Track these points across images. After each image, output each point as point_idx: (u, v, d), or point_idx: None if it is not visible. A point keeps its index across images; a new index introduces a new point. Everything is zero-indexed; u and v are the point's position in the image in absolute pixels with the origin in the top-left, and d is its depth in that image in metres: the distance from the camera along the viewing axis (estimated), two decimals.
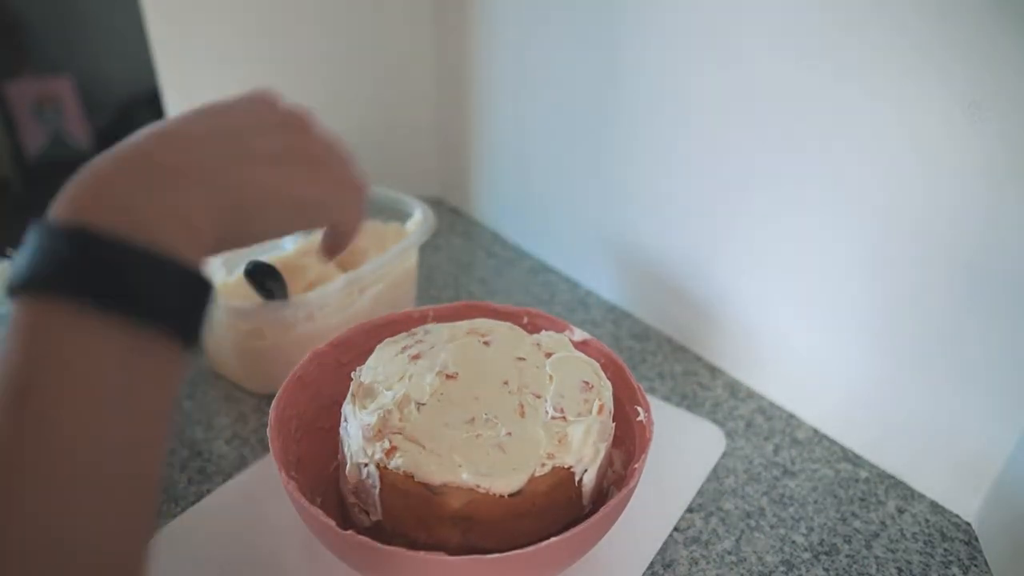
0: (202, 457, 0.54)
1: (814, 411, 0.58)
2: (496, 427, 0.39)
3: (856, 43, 0.45)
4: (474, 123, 0.88)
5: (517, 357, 0.45)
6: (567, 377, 0.43)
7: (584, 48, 0.67)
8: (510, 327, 0.48)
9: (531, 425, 0.39)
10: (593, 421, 0.40)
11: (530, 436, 0.38)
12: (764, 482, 0.52)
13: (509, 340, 0.47)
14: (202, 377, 0.63)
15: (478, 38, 0.81)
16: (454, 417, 0.39)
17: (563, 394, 0.42)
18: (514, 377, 0.43)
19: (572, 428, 0.39)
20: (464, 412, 0.40)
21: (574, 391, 0.42)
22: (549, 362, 0.44)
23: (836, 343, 0.53)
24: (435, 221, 0.67)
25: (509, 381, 0.42)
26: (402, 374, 0.42)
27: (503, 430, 0.39)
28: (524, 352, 0.45)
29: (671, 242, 0.65)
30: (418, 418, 0.39)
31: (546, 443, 0.38)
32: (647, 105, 0.62)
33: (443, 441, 0.38)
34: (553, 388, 0.42)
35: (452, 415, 0.39)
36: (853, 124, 0.47)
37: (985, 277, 0.43)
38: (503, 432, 0.38)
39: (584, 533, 0.36)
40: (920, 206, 0.45)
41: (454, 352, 0.44)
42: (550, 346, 0.46)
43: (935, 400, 0.48)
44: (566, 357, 0.45)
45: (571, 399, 0.41)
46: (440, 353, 0.44)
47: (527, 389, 0.42)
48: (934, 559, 0.46)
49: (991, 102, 0.40)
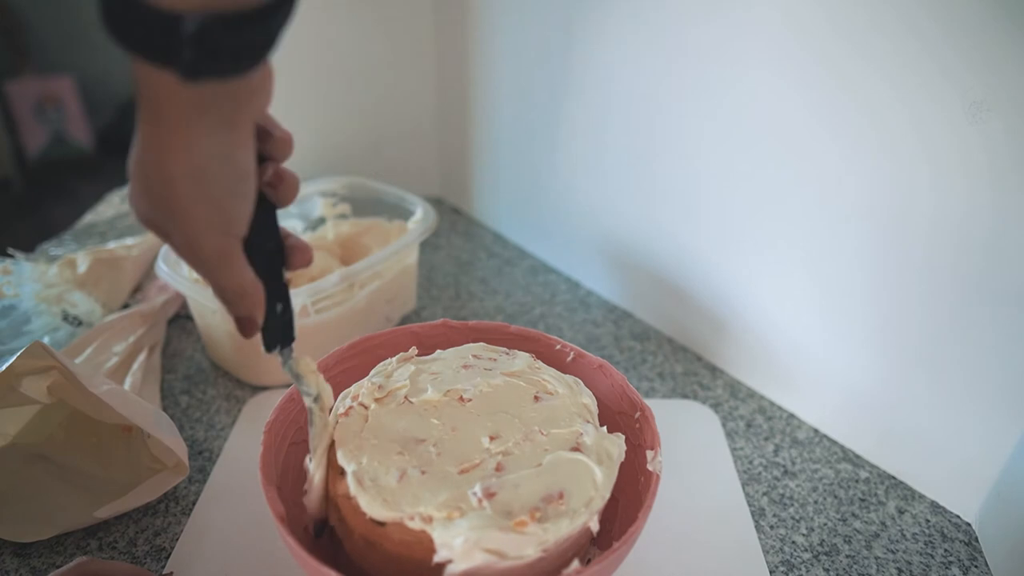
0: (203, 456, 0.54)
1: (814, 411, 0.58)
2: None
3: (859, 44, 0.45)
4: (475, 123, 0.88)
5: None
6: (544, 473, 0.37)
7: (584, 48, 0.67)
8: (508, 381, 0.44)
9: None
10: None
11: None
12: (764, 482, 0.52)
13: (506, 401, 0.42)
14: (202, 376, 0.63)
15: (478, 38, 0.81)
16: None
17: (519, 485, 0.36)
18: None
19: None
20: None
21: (534, 495, 0.36)
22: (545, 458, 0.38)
23: (837, 343, 0.53)
24: (436, 219, 0.67)
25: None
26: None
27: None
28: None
29: (672, 242, 0.65)
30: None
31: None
32: (648, 105, 0.62)
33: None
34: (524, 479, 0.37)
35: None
36: (856, 125, 0.47)
37: (987, 277, 0.43)
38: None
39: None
40: (922, 207, 0.45)
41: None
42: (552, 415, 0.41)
43: (936, 401, 0.48)
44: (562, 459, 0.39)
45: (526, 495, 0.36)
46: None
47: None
48: (934, 559, 0.46)
49: (994, 102, 0.40)
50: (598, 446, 0.39)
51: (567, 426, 0.40)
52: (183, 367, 0.65)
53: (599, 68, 0.66)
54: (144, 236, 0.78)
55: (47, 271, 0.68)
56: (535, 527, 0.34)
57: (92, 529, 0.47)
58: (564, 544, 0.35)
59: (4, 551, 0.46)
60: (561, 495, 0.36)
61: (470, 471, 0.37)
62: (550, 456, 0.38)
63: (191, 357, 0.66)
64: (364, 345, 0.49)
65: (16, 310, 0.64)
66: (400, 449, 0.38)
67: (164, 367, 0.65)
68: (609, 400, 0.46)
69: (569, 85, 0.70)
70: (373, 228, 0.73)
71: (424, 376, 0.44)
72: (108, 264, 0.71)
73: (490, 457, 0.38)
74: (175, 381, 0.63)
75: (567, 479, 0.37)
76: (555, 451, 0.39)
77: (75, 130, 2.41)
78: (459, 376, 0.44)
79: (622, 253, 0.72)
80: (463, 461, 0.38)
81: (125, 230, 0.88)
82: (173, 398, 0.61)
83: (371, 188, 0.74)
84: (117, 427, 0.49)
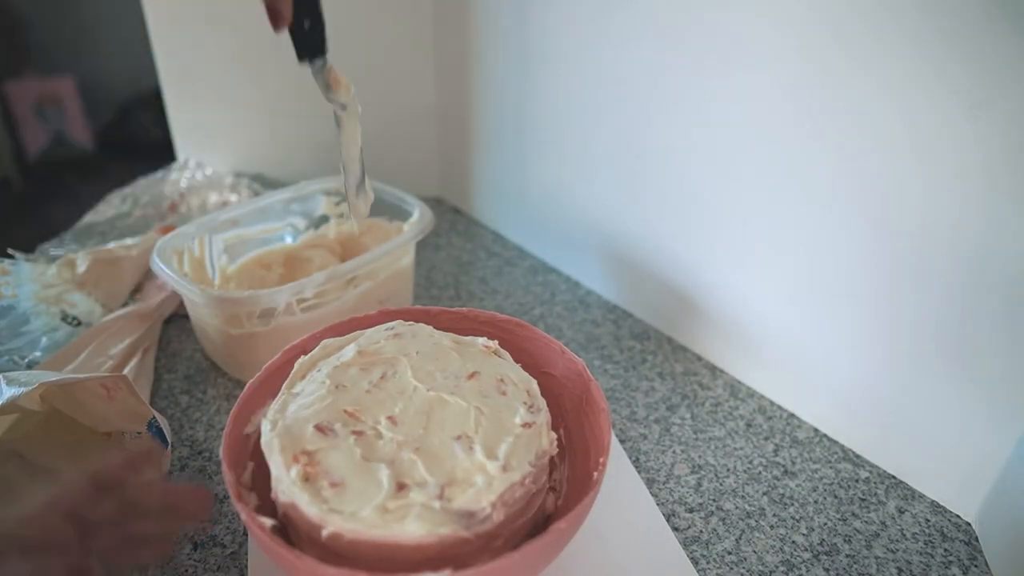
0: (203, 456, 0.54)
1: (814, 411, 0.58)
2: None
3: (856, 43, 0.45)
4: (475, 122, 0.88)
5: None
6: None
7: (584, 49, 0.67)
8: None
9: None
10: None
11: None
12: (764, 482, 0.52)
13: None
14: (202, 376, 0.63)
15: (479, 38, 0.81)
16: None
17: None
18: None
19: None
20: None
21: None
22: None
23: (837, 343, 0.53)
24: (432, 221, 0.67)
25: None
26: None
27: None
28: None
29: (672, 242, 0.65)
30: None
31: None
32: (648, 105, 0.62)
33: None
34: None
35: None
36: (855, 126, 0.47)
37: (986, 277, 0.43)
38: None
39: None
40: (921, 207, 0.45)
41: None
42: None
43: (936, 400, 0.48)
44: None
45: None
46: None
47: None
48: (934, 559, 0.46)
49: (992, 103, 0.40)
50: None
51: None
52: (183, 367, 0.65)
53: (599, 68, 0.66)
54: (144, 236, 0.78)
55: (46, 271, 0.68)
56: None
57: None
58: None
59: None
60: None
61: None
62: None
63: (191, 357, 0.66)
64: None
65: (15, 310, 0.64)
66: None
67: (164, 367, 0.65)
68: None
69: (569, 85, 0.70)
70: (373, 228, 0.73)
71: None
72: (107, 264, 0.71)
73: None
74: (175, 381, 0.63)
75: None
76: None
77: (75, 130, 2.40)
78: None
79: (622, 253, 0.72)
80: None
81: (125, 230, 0.88)
82: (173, 398, 0.61)
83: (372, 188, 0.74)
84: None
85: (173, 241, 0.63)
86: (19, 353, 0.60)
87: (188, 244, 0.65)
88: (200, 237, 0.66)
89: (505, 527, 0.37)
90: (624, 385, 0.62)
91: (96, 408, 0.47)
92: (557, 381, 0.49)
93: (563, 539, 0.38)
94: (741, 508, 0.50)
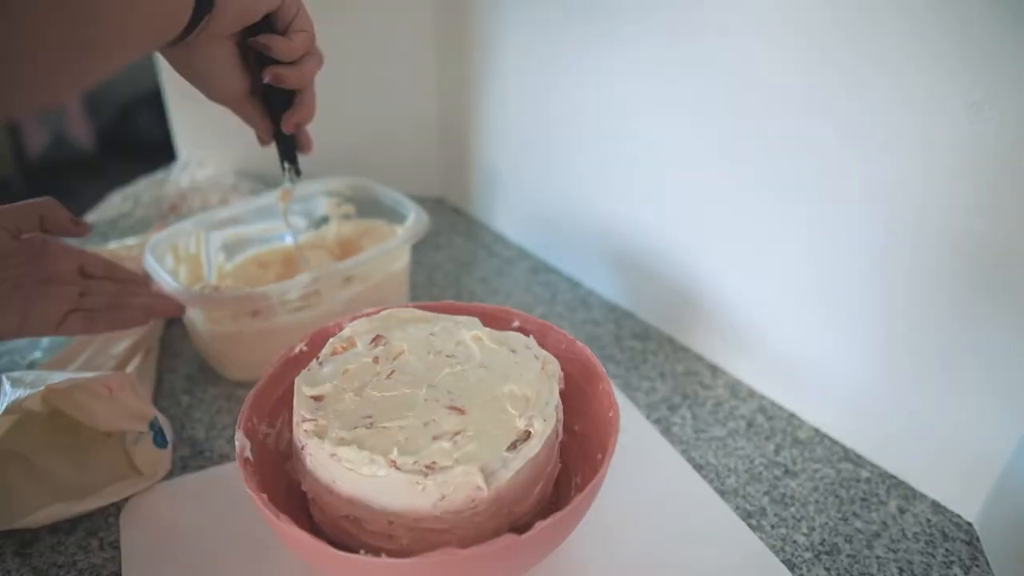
0: (203, 456, 0.54)
1: (815, 411, 0.57)
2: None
3: (857, 43, 0.45)
4: (476, 122, 0.88)
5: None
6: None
7: (585, 49, 0.67)
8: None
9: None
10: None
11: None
12: (765, 482, 0.52)
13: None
14: (203, 376, 0.63)
15: (479, 38, 0.81)
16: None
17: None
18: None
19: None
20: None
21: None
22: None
23: (838, 343, 0.53)
24: (427, 225, 0.66)
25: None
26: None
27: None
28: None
29: (673, 242, 0.65)
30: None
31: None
32: (649, 105, 0.62)
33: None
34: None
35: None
36: (856, 126, 0.47)
37: (988, 277, 0.43)
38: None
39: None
40: (923, 207, 0.45)
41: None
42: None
43: (937, 400, 0.48)
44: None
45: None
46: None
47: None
48: (935, 559, 0.46)
49: (993, 101, 0.40)
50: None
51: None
52: (183, 367, 0.65)
53: (599, 68, 0.66)
54: (144, 236, 0.78)
55: None
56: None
57: (93, 527, 0.47)
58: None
59: (6, 551, 0.46)
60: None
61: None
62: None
63: (191, 357, 0.66)
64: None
65: None
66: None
67: (165, 367, 0.65)
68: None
69: (569, 85, 0.70)
70: (372, 230, 0.73)
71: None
72: None
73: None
74: (175, 381, 0.63)
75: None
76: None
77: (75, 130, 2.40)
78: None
79: (623, 253, 0.72)
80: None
81: (125, 230, 0.88)
82: (174, 398, 0.61)
83: (372, 190, 0.74)
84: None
85: (169, 237, 0.63)
86: (20, 353, 0.60)
87: (184, 240, 0.65)
88: (197, 233, 0.66)
89: (517, 490, 0.38)
90: (625, 385, 0.62)
91: (97, 408, 0.47)
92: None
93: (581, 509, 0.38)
94: (742, 508, 0.50)
